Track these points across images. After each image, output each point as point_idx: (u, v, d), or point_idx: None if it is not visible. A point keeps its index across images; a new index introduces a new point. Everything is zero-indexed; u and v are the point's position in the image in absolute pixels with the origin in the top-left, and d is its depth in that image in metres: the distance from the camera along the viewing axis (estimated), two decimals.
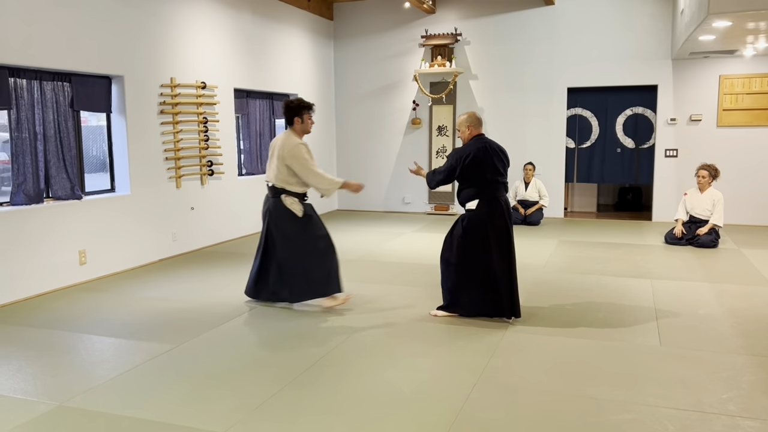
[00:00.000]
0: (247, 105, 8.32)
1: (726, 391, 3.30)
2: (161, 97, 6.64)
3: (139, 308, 4.98)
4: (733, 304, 4.94)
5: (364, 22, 10.23)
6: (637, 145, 9.31)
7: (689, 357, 3.80)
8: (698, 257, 6.67)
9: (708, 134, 8.83)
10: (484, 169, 4.37)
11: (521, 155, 9.55)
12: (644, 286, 5.50)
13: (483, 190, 4.39)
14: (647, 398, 3.23)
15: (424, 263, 6.44)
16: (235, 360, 3.84)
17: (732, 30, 6.15)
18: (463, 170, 4.38)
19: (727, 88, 8.66)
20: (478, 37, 9.67)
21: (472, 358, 3.81)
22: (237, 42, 7.94)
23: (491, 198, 4.39)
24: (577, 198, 10.53)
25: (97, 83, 6.00)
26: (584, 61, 9.19)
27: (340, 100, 10.55)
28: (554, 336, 4.23)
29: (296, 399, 3.27)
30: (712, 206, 7.27)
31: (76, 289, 5.57)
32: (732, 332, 4.26)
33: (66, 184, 5.68)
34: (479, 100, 9.77)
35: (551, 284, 5.59)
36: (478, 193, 4.40)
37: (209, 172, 7.39)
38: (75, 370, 3.69)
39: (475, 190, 4.41)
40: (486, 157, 4.37)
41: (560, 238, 7.82)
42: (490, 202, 4.38)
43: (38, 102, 5.43)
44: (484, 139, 4.47)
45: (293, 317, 4.70)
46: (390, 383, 3.46)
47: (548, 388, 3.38)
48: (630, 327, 4.39)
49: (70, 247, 5.66)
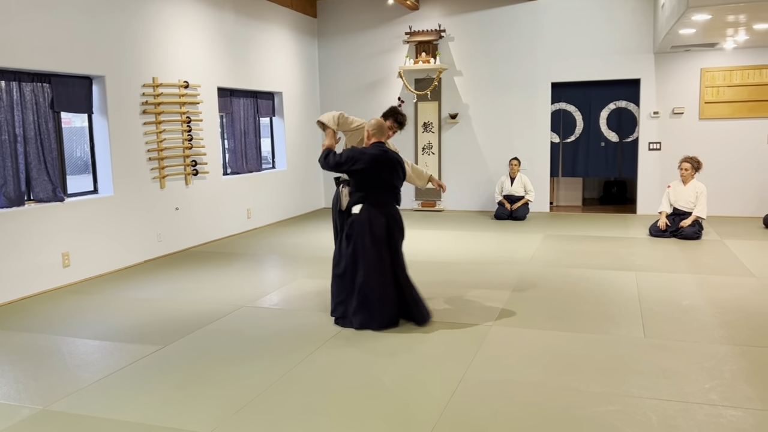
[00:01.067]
0: (231, 104, 8.28)
1: (708, 381, 3.34)
2: (143, 97, 6.59)
3: (124, 310, 4.95)
4: (715, 294, 5.00)
5: (348, 19, 10.21)
6: (620, 139, 9.37)
7: (672, 348, 3.84)
8: (682, 249, 6.73)
9: (690, 127, 8.91)
10: (370, 177, 4.38)
11: (506, 150, 9.58)
12: (629, 278, 5.54)
13: (367, 197, 4.41)
14: (631, 389, 3.25)
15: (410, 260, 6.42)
16: (221, 360, 3.83)
17: (711, 23, 6.20)
18: (350, 172, 4.41)
19: (708, 81, 8.74)
20: (461, 33, 9.68)
21: (458, 353, 3.82)
22: (220, 40, 7.90)
23: (374, 206, 4.38)
24: (563, 192, 10.58)
25: (77, 84, 5.94)
26: (568, 56, 9.23)
27: (325, 98, 10.52)
28: (539, 330, 4.25)
29: (281, 398, 3.27)
30: (695, 198, 7.34)
31: (60, 292, 5.53)
32: (714, 322, 4.31)
33: (47, 186, 5.63)
34: (464, 96, 9.79)
35: (536, 278, 5.61)
36: (362, 198, 4.42)
37: (194, 172, 7.35)
38: (59, 374, 3.66)
39: (361, 195, 4.43)
40: (374, 166, 4.35)
41: (546, 233, 7.86)
42: (372, 211, 4.37)
43: (17, 103, 5.36)
44: (383, 147, 4.45)
45: (279, 317, 4.69)
46: (376, 380, 3.46)
47: (533, 381, 3.40)
48: (614, 319, 4.42)
49: (54, 250, 5.61)
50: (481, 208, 9.89)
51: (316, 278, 5.75)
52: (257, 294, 5.32)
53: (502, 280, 5.56)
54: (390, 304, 4.34)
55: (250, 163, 8.71)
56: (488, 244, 7.23)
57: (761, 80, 8.53)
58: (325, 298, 4.88)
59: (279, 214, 9.28)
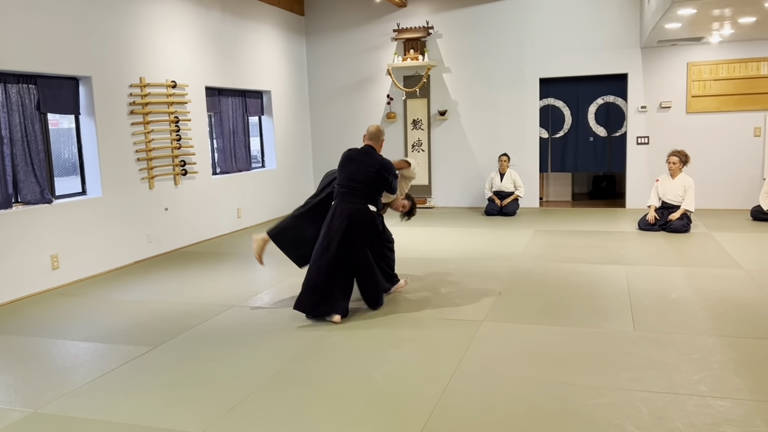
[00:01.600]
0: (219, 103, 8.25)
1: (697, 372, 3.37)
2: (131, 97, 6.55)
3: (114, 311, 4.92)
4: (704, 286, 5.04)
5: (335, 17, 10.19)
6: (609, 134, 9.42)
7: (662, 340, 3.87)
8: (671, 242, 6.78)
9: (678, 121, 8.97)
10: (339, 171, 4.62)
11: (495, 147, 9.60)
12: (618, 272, 5.58)
13: (337, 192, 4.58)
14: (621, 382, 3.28)
15: (401, 257, 6.44)
16: (212, 360, 3.82)
17: (697, 17, 6.24)
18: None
19: (695, 75, 8.80)
20: (449, 30, 9.69)
21: (449, 348, 3.84)
22: (207, 40, 7.86)
23: (341, 202, 4.51)
24: (552, 187, 10.62)
25: (63, 85, 5.90)
26: (555, 51, 9.26)
27: (314, 97, 10.50)
28: (530, 324, 4.27)
29: (273, 397, 3.26)
30: (683, 192, 7.39)
31: (49, 295, 5.49)
32: (703, 314, 4.34)
33: (35, 188, 5.58)
34: (453, 92, 9.80)
35: (527, 273, 5.64)
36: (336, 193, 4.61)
37: (182, 172, 7.32)
38: (49, 376, 3.64)
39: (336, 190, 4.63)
40: (343, 162, 4.61)
41: (536, 228, 7.89)
42: (339, 206, 4.50)
43: (3, 105, 5.32)
44: (366, 149, 4.67)
45: (269, 316, 4.69)
46: (367, 376, 3.47)
47: (525, 375, 3.42)
48: (604, 313, 4.45)
49: (42, 252, 5.57)
50: (471, 205, 9.91)
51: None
52: (248, 294, 5.30)
53: (493, 276, 5.58)
54: (319, 294, 4.39)
55: (240, 163, 8.68)
56: (479, 240, 7.25)
57: (747, 73, 8.59)
58: None
59: (269, 213, 9.26)
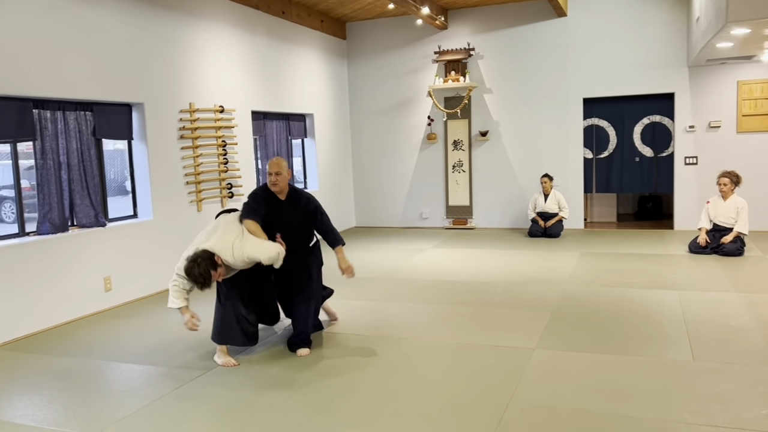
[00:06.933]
0: (265, 126, 8.38)
1: (765, 406, 3.23)
2: (180, 122, 6.72)
3: (165, 333, 5.00)
4: (764, 314, 4.86)
5: (376, 40, 10.29)
6: (655, 154, 9.24)
7: (724, 371, 3.73)
8: (724, 266, 6.58)
9: (728, 140, 8.74)
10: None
11: (538, 167, 9.51)
12: (671, 297, 5.42)
13: None
14: (684, 415, 3.17)
15: (446, 279, 6.41)
16: (265, 385, 3.83)
17: (750, 37, 6.10)
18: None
19: (745, 94, 8.58)
20: (491, 51, 9.69)
21: (502, 377, 3.77)
22: (253, 65, 8.02)
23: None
24: (597, 208, 10.45)
25: (118, 111, 6.08)
26: (599, 71, 9.16)
27: (355, 118, 10.60)
28: (583, 353, 4.17)
29: (325, 427, 3.25)
30: (735, 214, 7.17)
31: (101, 316, 5.61)
32: (765, 344, 4.18)
33: (90, 212, 5.74)
34: (494, 113, 9.76)
35: (577, 299, 5.53)
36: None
37: (229, 195, 7.44)
38: (105, 399, 3.71)
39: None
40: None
41: (582, 250, 7.76)
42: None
43: (62, 132, 5.51)
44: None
45: (330, 341, 4.69)
46: (420, 405, 3.43)
47: (582, 407, 3.33)
48: (660, 341, 4.32)
49: (96, 274, 5.71)
50: (512, 225, 9.81)
51: (354, 300, 5.74)
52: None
53: (542, 301, 5.49)
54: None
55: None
56: (524, 263, 7.15)
57: None
58: (365, 319, 4.86)
59: None
